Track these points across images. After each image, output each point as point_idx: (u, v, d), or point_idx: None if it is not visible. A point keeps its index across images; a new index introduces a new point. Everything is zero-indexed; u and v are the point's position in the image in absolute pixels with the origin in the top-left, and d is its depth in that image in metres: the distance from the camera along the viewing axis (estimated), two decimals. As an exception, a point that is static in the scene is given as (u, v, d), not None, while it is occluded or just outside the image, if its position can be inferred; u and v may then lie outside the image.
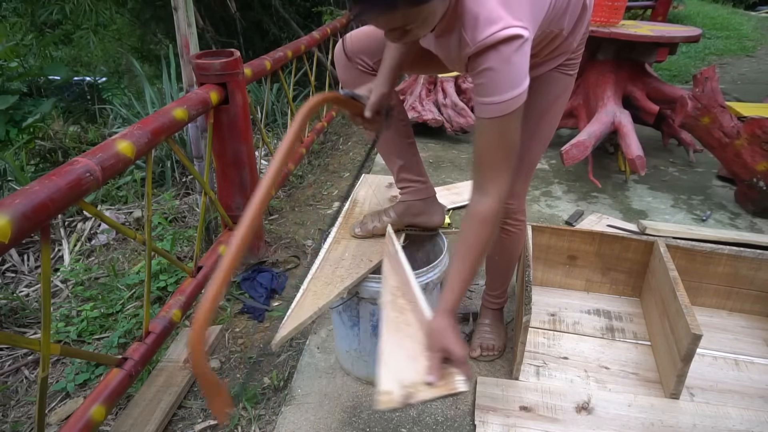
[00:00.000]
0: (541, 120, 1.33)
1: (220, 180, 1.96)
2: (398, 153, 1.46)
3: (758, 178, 2.48)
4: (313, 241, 2.33)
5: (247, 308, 1.88)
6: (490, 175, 1.05)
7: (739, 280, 1.75)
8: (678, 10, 8.33)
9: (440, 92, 3.66)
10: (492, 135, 1.02)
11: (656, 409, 1.42)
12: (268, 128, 3.64)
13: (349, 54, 1.35)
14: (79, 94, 4.43)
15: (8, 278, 2.20)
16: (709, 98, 2.51)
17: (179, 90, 3.29)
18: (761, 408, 1.44)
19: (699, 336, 1.31)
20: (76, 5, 4.07)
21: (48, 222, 1.02)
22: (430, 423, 1.42)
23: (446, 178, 2.96)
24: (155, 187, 2.84)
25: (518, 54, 0.93)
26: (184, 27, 1.93)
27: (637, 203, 2.71)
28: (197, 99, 1.62)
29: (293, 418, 1.44)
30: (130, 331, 1.74)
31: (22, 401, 1.58)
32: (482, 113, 1.00)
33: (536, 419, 1.39)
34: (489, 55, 0.94)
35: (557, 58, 1.24)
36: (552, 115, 1.33)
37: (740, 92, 4.81)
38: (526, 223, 1.58)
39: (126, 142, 1.25)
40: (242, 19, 4.65)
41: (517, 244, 1.53)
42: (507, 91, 0.95)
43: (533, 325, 1.73)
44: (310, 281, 1.31)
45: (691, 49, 6.51)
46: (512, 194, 1.42)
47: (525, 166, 1.39)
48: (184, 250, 2.23)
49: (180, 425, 1.44)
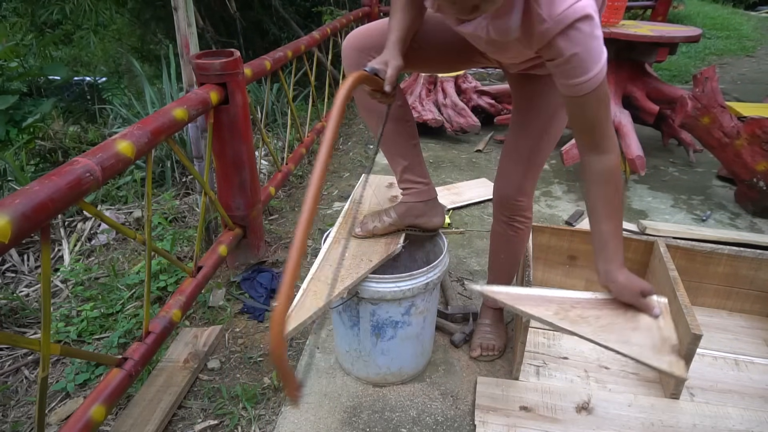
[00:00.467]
0: (552, 119, 1.33)
1: (220, 180, 1.96)
2: (402, 154, 1.45)
3: (758, 178, 2.48)
4: (313, 241, 2.33)
5: (247, 308, 1.88)
6: (604, 136, 1.09)
7: (739, 280, 1.75)
8: (678, 10, 8.33)
9: (440, 92, 3.66)
10: (593, 105, 1.04)
11: (656, 409, 1.42)
12: (268, 128, 3.64)
13: (360, 49, 1.32)
14: (79, 94, 4.42)
15: (8, 278, 2.20)
16: (709, 98, 2.51)
17: (179, 90, 3.29)
18: (761, 408, 1.44)
19: (699, 336, 1.31)
20: (76, 5, 4.07)
21: (48, 222, 1.02)
22: (430, 423, 1.42)
23: (446, 178, 2.96)
24: (155, 187, 2.84)
25: (596, 27, 0.94)
26: (184, 27, 1.93)
27: (637, 203, 2.71)
28: (197, 99, 1.62)
29: (293, 418, 1.44)
30: (130, 331, 1.74)
31: (22, 401, 1.58)
32: (576, 92, 1.01)
33: (536, 419, 1.39)
34: (572, 38, 0.93)
35: None
36: (562, 115, 1.33)
37: (740, 92, 4.81)
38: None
39: (126, 142, 1.25)
40: (242, 19, 4.65)
41: (523, 241, 1.55)
42: (596, 64, 0.97)
43: (533, 325, 1.73)
44: (310, 281, 1.31)
45: (691, 49, 6.51)
46: (522, 192, 1.43)
47: (535, 165, 1.40)
48: (184, 250, 2.23)
49: (180, 425, 1.44)
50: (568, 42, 0.94)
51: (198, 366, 1.60)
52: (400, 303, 1.38)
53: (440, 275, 1.42)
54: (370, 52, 1.30)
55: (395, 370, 1.51)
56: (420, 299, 1.41)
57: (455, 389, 1.53)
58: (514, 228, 1.50)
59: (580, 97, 1.02)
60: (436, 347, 1.67)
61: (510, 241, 1.53)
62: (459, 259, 2.18)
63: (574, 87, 1.01)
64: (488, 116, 3.65)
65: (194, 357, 1.62)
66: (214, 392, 1.54)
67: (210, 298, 1.93)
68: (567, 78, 1.01)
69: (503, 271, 1.63)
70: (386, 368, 1.50)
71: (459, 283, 2.01)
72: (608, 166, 1.12)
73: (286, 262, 0.96)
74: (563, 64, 0.98)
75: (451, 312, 1.78)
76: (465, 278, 2.05)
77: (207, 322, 1.84)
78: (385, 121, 1.35)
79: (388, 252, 1.43)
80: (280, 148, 3.28)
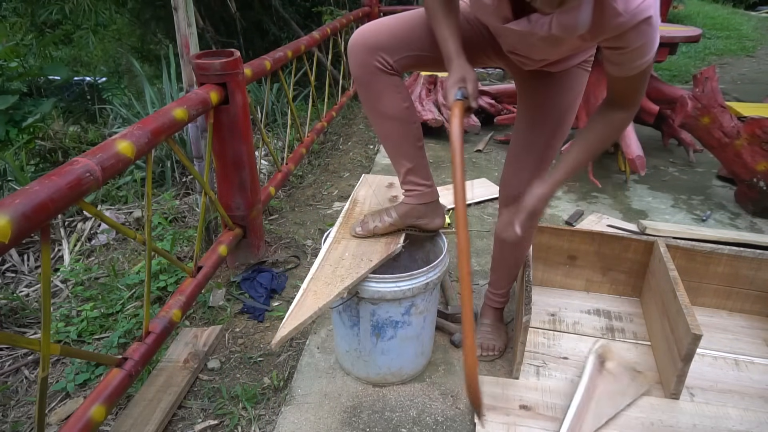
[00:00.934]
0: (563, 118, 1.35)
1: (220, 180, 1.96)
2: (407, 156, 1.44)
3: (758, 178, 2.48)
4: (313, 241, 2.33)
5: (247, 308, 1.88)
6: (635, 100, 1.15)
7: (739, 280, 1.75)
8: (678, 10, 8.34)
9: (440, 92, 3.66)
10: (640, 79, 1.11)
11: (656, 409, 1.42)
12: (268, 128, 3.64)
13: (368, 48, 1.28)
14: (79, 94, 4.43)
15: (8, 278, 2.20)
16: (709, 98, 2.51)
17: (179, 90, 3.29)
18: (761, 408, 1.44)
19: (699, 336, 1.31)
20: (76, 5, 4.06)
21: (48, 222, 1.02)
22: (430, 423, 1.42)
23: (446, 178, 2.96)
24: (155, 187, 2.84)
25: (658, 19, 1.00)
26: (184, 27, 1.93)
27: (637, 203, 2.71)
28: (197, 99, 1.62)
29: (293, 418, 1.44)
30: (130, 331, 1.74)
31: (22, 401, 1.58)
32: (628, 73, 1.08)
33: (536, 418, 1.39)
34: (642, 31, 0.99)
35: (589, 50, 1.25)
36: (572, 113, 1.35)
37: (740, 92, 4.81)
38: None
39: (126, 142, 1.25)
40: (242, 19, 4.65)
41: (529, 241, 1.56)
42: (653, 51, 1.04)
43: (533, 325, 1.74)
44: (311, 281, 1.31)
45: (691, 49, 6.51)
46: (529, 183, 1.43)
47: (547, 162, 1.41)
48: (184, 250, 2.23)
49: (180, 425, 1.44)
50: (639, 34, 0.99)
51: (198, 366, 1.60)
52: (400, 303, 1.38)
53: (440, 275, 1.43)
54: (379, 52, 1.28)
55: (395, 370, 1.51)
56: (420, 299, 1.41)
57: (455, 389, 1.53)
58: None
59: (633, 73, 1.08)
60: (436, 347, 1.67)
61: (517, 242, 1.51)
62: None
63: (630, 69, 1.07)
64: (488, 116, 3.64)
65: (194, 357, 1.62)
66: (214, 392, 1.54)
67: (210, 298, 1.93)
68: (625, 63, 1.05)
69: (508, 270, 1.63)
70: (386, 368, 1.50)
71: (459, 283, 2.01)
72: (621, 118, 1.19)
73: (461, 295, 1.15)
74: (628, 53, 1.03)
75: (451, 312, 1.78)
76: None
77: (207, 322, 1.84)
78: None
79: (388, 252, 1.43)
80: (280, 148, 3.28)
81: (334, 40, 3.68)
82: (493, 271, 1.67)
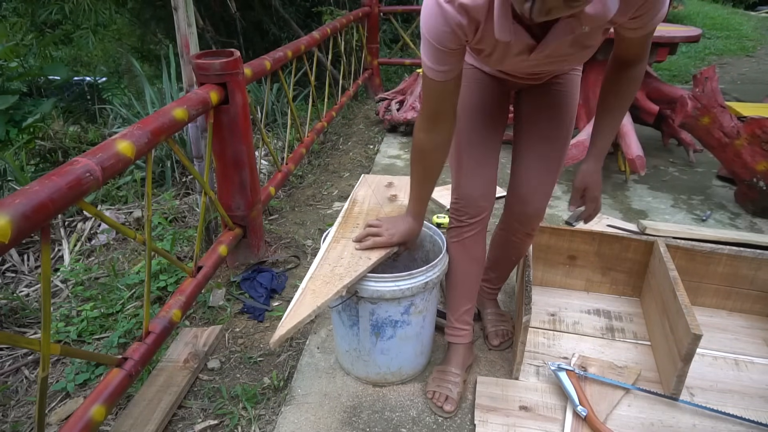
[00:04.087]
0: (571, 125, 1.40)
1: (220, 180, 1.96)
2: (470, 295, 1.50)
3: (758, 178, 2.48)
4: (312, 241, 2.33)
5: (247, 308, 1.88)
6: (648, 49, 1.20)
7: (739, 280, 1.75)
8: (678, 10, 8.34)
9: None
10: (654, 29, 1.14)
11: (656, 409, 1.42)
12: (268, 128, 3.64)
13: (481, 206, 1.40)
14: (79, 94, 4.43)
15: (8, 278, 2.20)
16: (709, 98, 2.51)
17: (179, 90, 3.29)
18: (761, 408, 1.44)
19: (699, 336, 1.31)
20: (75, 5, 4.06)
21: (48, 222, 1.02)
22: (430, 423, 1.42)
23: (446, 179, 2.95)
24: (155, 187, 2.84)
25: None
26: (184, 27, 1.93)
27: (637, 203, 2.71)
28: (197, 99, 1.62)
29: (293, 418, 1.44)
30: (130, 331, 1.74)
31: (22, 401, 1.58)
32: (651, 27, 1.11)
33: (536, 419, 1.39)
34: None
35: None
36: (574, 117, 1.40)
37: (740, 92, 4.81)
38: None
39: (126, 142, 1.25)
40: (242, 19, 4.65)
41: (531, 242, 1.59)
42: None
43: (533, 325, 1.74)
44: (309, 280, 1.31)
45: (691, 49, 6.51)
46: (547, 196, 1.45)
47: (560, 167, 1.43)
48: (184, 250, 2.23)
49: (180, 425, 1.44)
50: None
51: (198, 366, 1.60)
52: (399, 302, 1.38)
53: (439, 274, 1.42)
54: (485, 199, 1.41)
55: (395, 369, 1.51)
56: (419, 298, 1.41)
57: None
58: (531, 236, 1.53)
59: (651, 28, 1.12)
60: (435, 347, 1.67)
61: (522, 246, 1.56)
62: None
63: (651, 26, 1.10)
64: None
65: (194, 357, 1.62)
66: (214, 392, 1.54)
67: (210, 298, 1.93)
68: (648, 22, 1.08)
69: (508, 269, 1.68)
70: (386, 368, 1.50)
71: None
72: (644, 65, 1.24)
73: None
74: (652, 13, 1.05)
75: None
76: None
77: (207, 322, 1.84)
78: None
79: (387, 251, 1.43)
80: (280, 148, 3.28)
81: (334, 40, 3.67)
82: (493, 270, 1.68)
